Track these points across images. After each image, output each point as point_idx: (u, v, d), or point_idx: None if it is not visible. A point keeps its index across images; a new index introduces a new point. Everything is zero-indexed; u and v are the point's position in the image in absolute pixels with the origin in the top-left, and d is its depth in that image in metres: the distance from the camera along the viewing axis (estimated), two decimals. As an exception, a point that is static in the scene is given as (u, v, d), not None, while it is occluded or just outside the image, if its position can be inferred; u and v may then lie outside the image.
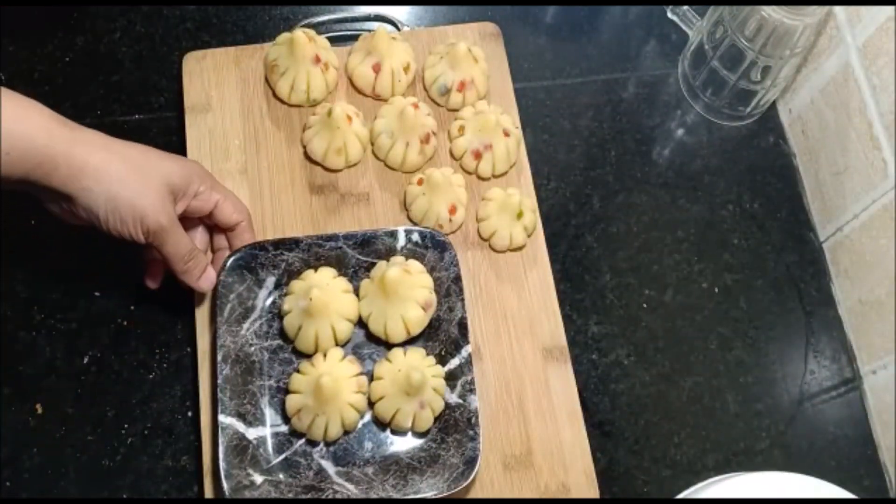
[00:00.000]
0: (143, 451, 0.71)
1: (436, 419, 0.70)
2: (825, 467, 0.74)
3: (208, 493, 0.68)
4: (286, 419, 0.69)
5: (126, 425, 0.72)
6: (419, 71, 0.83)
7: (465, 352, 0.71)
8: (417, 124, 0.77)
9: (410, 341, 0.72)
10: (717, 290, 0.81)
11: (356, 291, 0.73)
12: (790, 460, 0.75)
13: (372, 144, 0.80)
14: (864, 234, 0.78)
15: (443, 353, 0.72)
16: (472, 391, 0.69)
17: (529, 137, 0.84)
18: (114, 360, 0.73)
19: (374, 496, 0.66)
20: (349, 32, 0.87)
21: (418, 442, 0.70)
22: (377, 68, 0.80)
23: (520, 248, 0.78)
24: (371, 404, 0.70)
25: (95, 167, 0.60)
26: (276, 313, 0.73)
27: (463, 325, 0.71)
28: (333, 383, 0.66)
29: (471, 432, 0.68)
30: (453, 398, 0.70)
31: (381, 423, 0.70)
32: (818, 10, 0.75)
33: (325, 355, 0.70)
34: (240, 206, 0.72)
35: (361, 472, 0.69)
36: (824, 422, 0.77)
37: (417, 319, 0.71)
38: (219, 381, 0.68)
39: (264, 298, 0.73)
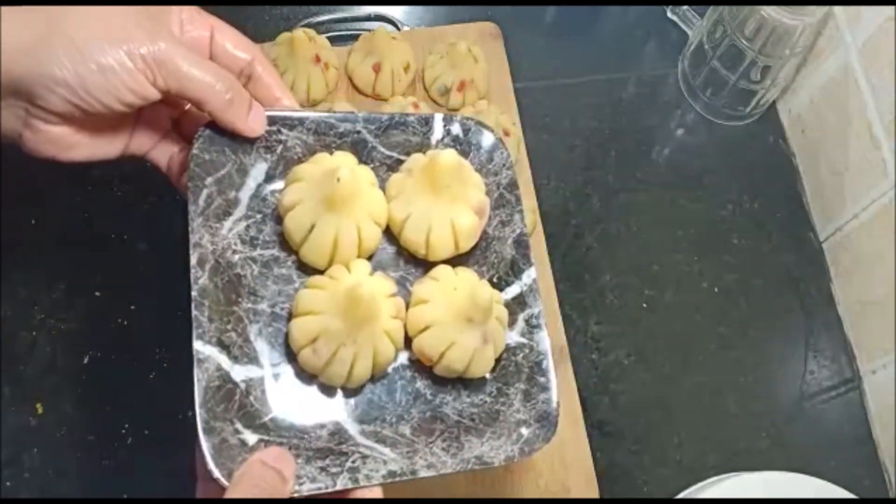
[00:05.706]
0: (143, 451, 0.71)
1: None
2: (825, 467, 0.74)
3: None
4: (286, 356, 0.52)
5: (126, 425, 0.71)
6: (419, 71, 0.83)
7: (527, 277, 0.55)
8: (417, 124, 0.77)
9: (453, 263, 0.56)
10: (717, 290, 0.81)
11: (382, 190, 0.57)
12: (790, 460, 0.75)
13: (372, 144, 0.79)
14: (864, 234, 0.78)
15: (495, 279, 0.57)
16: (538, 327, 0.55)
17: (529, 137, 0.84)
18: (114, 360, 0.73)
19: (421, 461, 0.50)
20: (349, 32, 0.87)
21: (466, 397, 0.55)
22: (377, 68, 0.80)
23: (520, 248, 0.77)
24: (407, 341, 0.54)
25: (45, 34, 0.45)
26: (269, 214, 0.55)
27: (522, 244, 0.56)
28: (372, 296, 0.49)
29: (541, 379, 0.54)
30: (514, 337, 0.55)
31: (418, 368, 0.55)
32: (818, 10, 0.75)
33: (346, 269, 0.53)
34: (242, 36, 0.55)
35: (395, 431, 0.52)
36: (824, 422, 0.77)
37: (470, 228, 0.54)
38: (194, 293, 0.49)
39: (251, 191, 0.55)
